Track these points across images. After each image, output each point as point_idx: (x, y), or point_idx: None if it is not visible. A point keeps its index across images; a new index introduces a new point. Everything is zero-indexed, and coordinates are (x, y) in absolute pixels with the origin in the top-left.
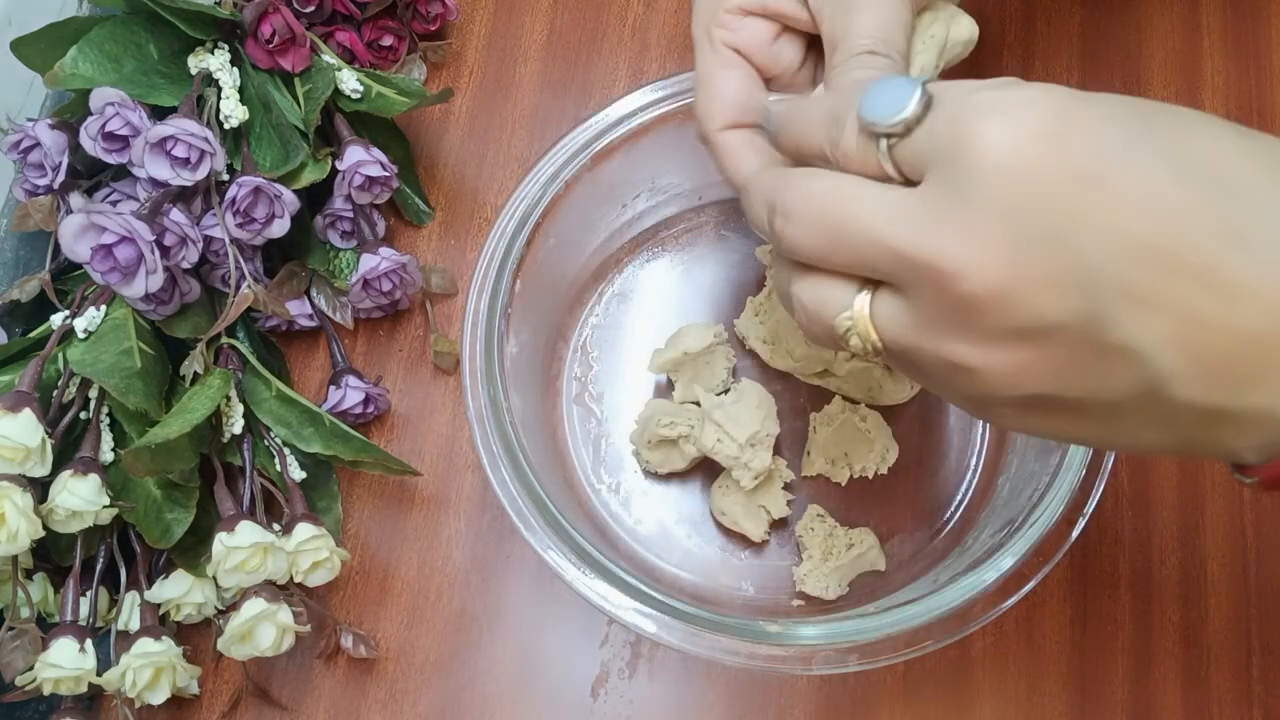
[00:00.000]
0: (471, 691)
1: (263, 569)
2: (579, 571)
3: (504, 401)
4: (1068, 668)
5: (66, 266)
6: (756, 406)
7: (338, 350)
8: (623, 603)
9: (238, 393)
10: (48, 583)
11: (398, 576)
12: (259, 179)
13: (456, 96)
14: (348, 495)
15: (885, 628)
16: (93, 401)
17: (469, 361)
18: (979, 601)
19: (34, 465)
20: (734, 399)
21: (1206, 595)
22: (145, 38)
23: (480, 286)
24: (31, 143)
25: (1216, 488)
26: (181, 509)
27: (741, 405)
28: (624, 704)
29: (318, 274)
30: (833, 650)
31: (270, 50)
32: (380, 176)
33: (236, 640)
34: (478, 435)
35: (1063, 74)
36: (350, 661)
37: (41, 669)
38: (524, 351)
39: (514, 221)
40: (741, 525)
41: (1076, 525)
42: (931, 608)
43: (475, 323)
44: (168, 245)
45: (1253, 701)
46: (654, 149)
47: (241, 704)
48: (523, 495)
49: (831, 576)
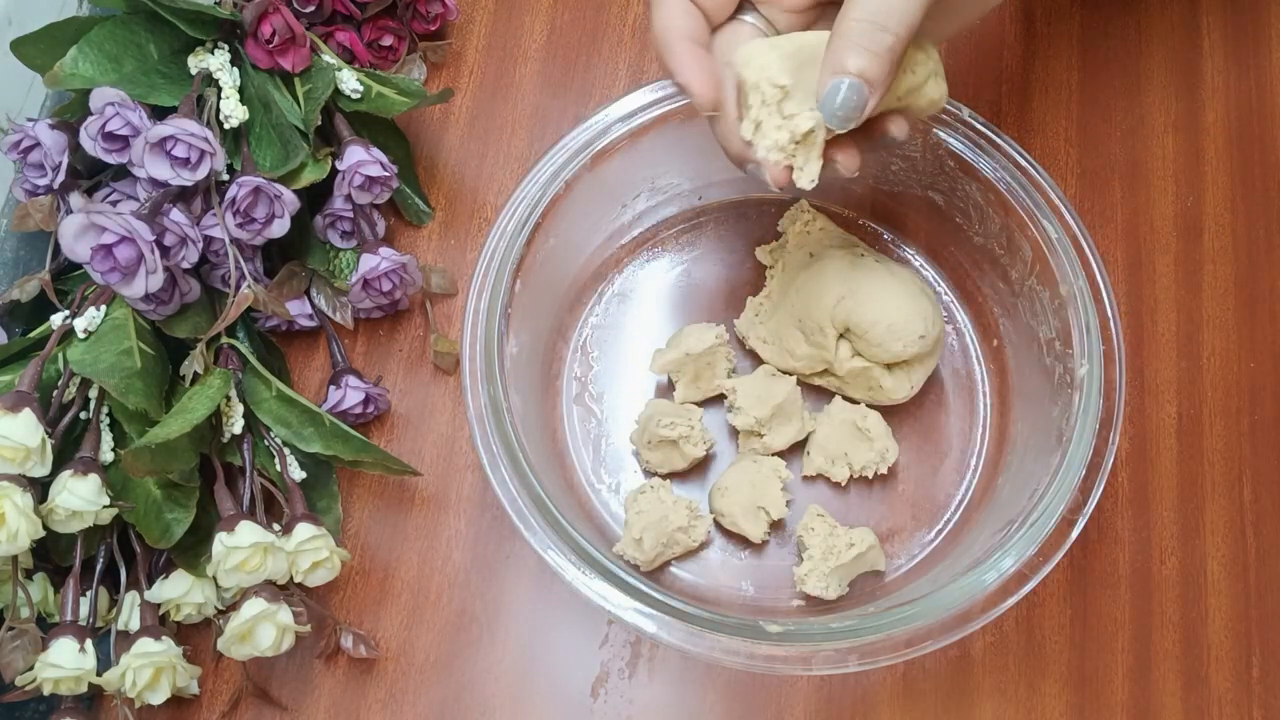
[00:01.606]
0: (471, 691)
1: (263, 569)
2: (579, 571)
3: (504, 401)
4: (1068, 668)
5: (66, 266)
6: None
7: (338, 350)
8: (622, 602)
9: (238, 393)
10: (48, 583)
11: (398, 576)
12: (259, 179)
13: (456, 96)
14: (348, 495)
15: (885, 628)
16: (93, 401)
17: (469, 361)
18: (979, 601)
19: (34, 465)
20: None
21: (1206, 595)
22: (145, 38)
23: (480, 286)
24: (31, 143)
25: (1216, 488)
26: (181, 509)
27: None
28: (624, 704)
29: (318, 274)
30: (833, 650)
31: (270, 50)
32: (380, 176)
33: (236, 640)
34: (478, 435)
35: (1063, 74)
36: (350, 661)
37: (41, 669)
38: (524, 351)
39: (514, 221)
40: (741, 526)
41: (1076, 525)
42: (931, 608)
43: (475, 323)
44: (168, 245)
45: (1253, 702)
46: (654, 149)
47: (241, 704)
48: (523, 495)
49: (832, 576)
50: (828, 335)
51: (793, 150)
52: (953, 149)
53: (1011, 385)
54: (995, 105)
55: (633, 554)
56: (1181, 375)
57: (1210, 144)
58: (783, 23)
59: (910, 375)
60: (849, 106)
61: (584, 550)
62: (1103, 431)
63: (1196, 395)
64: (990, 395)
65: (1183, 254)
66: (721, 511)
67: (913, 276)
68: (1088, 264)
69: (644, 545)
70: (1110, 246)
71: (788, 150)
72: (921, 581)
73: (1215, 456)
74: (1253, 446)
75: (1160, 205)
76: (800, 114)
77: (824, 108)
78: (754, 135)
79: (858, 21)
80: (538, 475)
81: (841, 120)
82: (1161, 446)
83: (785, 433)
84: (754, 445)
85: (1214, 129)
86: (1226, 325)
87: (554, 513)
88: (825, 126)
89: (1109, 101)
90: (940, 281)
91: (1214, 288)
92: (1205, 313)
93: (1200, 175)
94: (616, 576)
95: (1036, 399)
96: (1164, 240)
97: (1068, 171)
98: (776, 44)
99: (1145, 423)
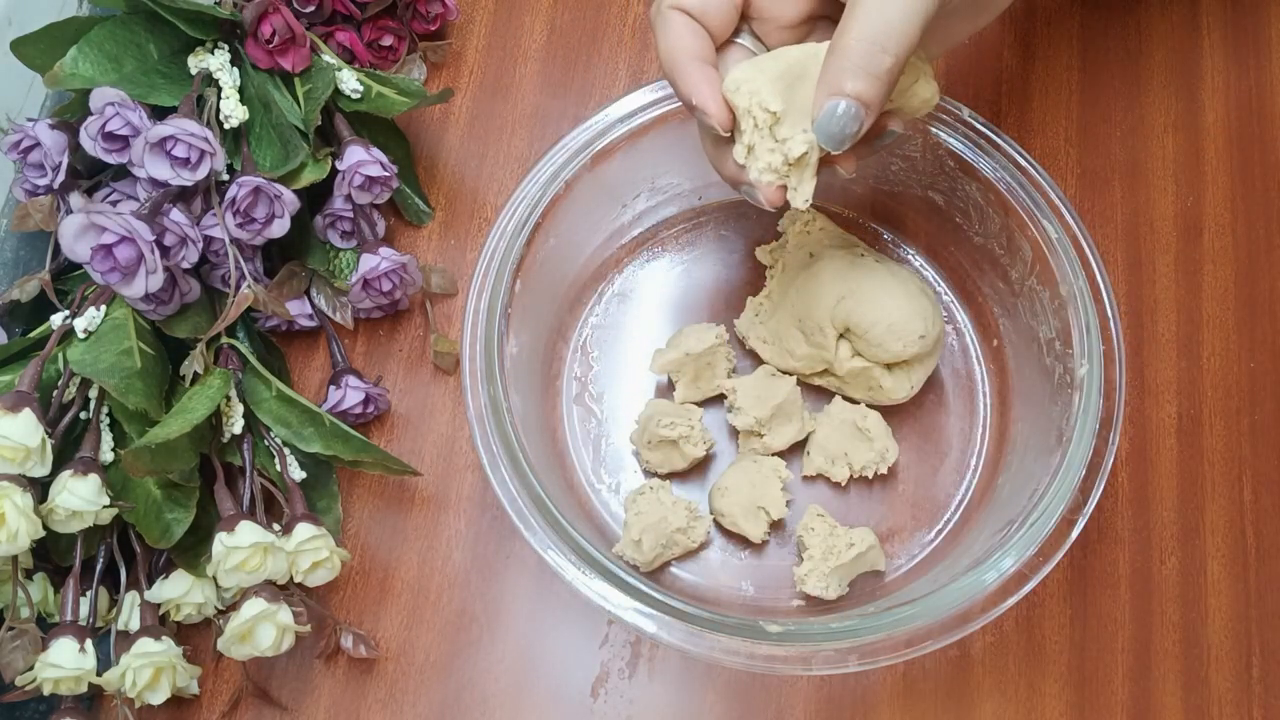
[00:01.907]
0: (471, 691)
1: (263, 569)
2: (579, 571)
3: (504, 401)
4: (1068, 668)
5: (66, 266)
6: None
7: (338, 350)
8: (622, 602)
9: (238, 393)
10: (48, 583)
11: (398, 576)
12: (259, 179)
13: (456, 96)
14: (348, 495)
15: (885, 628)
16: (93, 401)
17: (469, 361)
18: (979, 601)
19: (34, 465)
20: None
21: (1206, 595)
22: (145, 38)
23: (480, 286)
24: (31, 143)
25: (1216, 487)
26: (181, 509)
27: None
28: (624, 704)
29: (318, 274)
30: (833, 650)
31: (270, 50)
32: (380, 176)
33: (236, 640)
34: (478, 435)
35: (1063, 74)
36: (350, 661)
37: (41, 669)
38: (524, 351)
39: (514, 221)
40: (741, 526)
41: (1076, 525)
42: (931, 608)
43: (475, 323)
44: (168, 245)
45: (1252, 702)
46: (654, 149)
47: (241, 704)
48: (523, 495)
49: (831, 576)
50: (828, 335)
51: (786, 171)
52: (953, 149)
53: (1011, 385)
54: (995, 105)
55: (632, 555)
56: (1181, 375)
57: (1210, 144)
58: (775, 39)
59: (910, 375)
60: (845, 130)
61: (584, 550)
62: (1102, 431)
63: (1196, 395)
64: (990, 395)
65: (1183, 254)
66: (722, 511)
67: (912, 276)
68: (1088, 264)
69: (643, 546)
70: (1110, 246)
71: (781, 172)
72: (922, 581)
73: (1215, 456)
74: (1253, 446)
75: (1160, 205)
76: (793, 137)
77: (819, 129)
78: (747, 159)
79: (857, 41)
80: (538, 475)
81: (837, 142)
82: (1161, 446)
83: (785, 433)
84: (754, 445)
85: (1214, 129)
86: (1226, 325)
87: (554, 513)
88: (819, 148)
89: (1109, 101)
90: (940, 281)
91: (1214, 288)
92: (1205, 313)
93: (1200, 175)
94: (616, 577)
95: (1036, 399)
96: (1164, 240)
97: (1068, 171)
98: (763, 66)
99: (1145, 423)
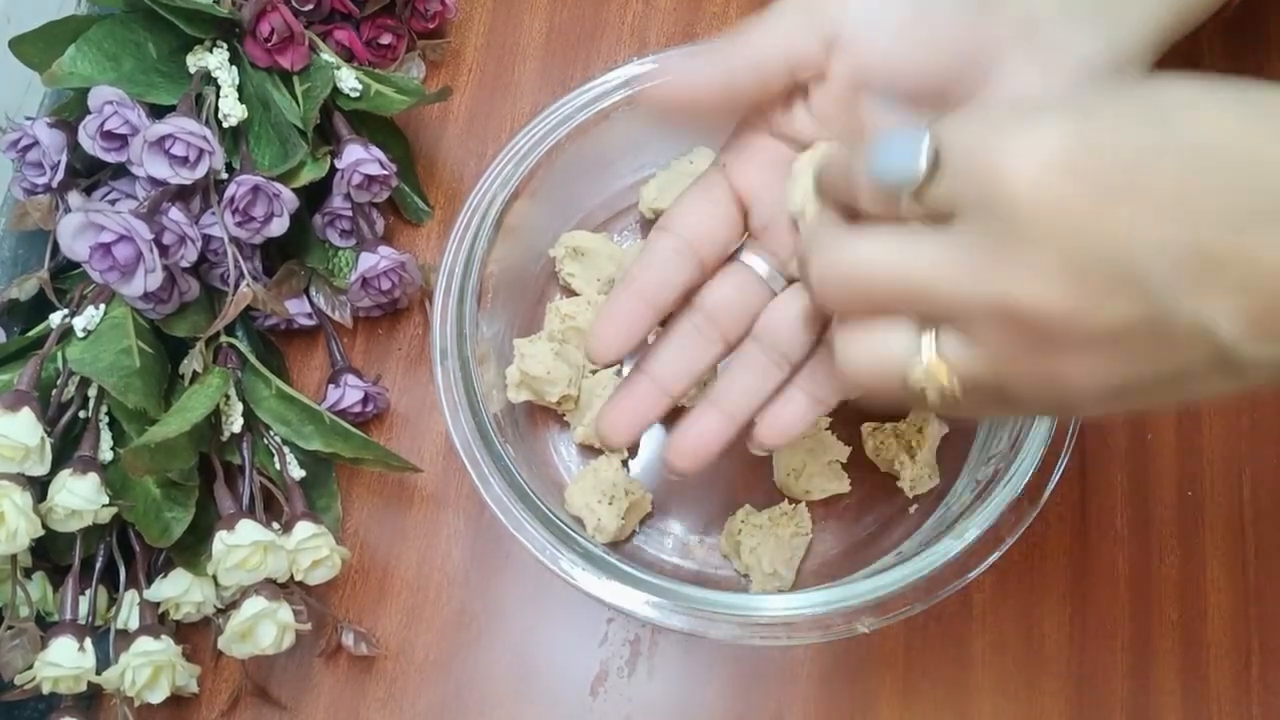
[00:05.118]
0: (471, 690)
1: (263, 567)
2: (579, 569)
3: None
4: (1068, 666)
5: (65, 265)
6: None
7: (337, 349)
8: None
9: (237, 391)
10: (47, 581)
11: (397, 575)
12: (258, 177)
13: (455, 95)
14: (347, 494)
15: (868, 593)
16: (92, 400)
17: (438, 349)
18: (984, 541)
19: (33, 464)
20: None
21: (1206, 594)
22: (144, 36)
23: (446, 289)
24: (30, 141)
25: (1216, 487)
26: (181, 508)
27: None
28: (623, 702)
29: (317, 273)
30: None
31: (269, 49)
32: (379, 175)
33: (236, 639)
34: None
35: None
36: (350, 660)
37: (41, 668)
38: (498, 337)
39: (478, 214)
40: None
41: (1056, 469)
42: (913, 571)
43: (445, 319)
44: (166, 244)
45: (1252, 701)
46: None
47: (241, 702)
48: (503, 487)
49: (785, 569)
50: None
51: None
52: None
53: None
54: None
55: (593, 526)
56: None
57: None
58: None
59: None
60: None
61: (573, 539)
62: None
63: None
64: None
65: None
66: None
67: None
68: None
69: (598, 513)
70: None
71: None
72: (907, 543)
73: (1215, 455)
74: (1252, 446)
75: None
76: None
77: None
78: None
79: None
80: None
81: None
82: (1161, 445)
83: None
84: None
85: None
86: None
87: (538, 504)
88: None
89: None
90: None
91: None
92: None
93: None
94: (614, 566)
95: None
96: None
97: None
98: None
99: (1145, 421)
